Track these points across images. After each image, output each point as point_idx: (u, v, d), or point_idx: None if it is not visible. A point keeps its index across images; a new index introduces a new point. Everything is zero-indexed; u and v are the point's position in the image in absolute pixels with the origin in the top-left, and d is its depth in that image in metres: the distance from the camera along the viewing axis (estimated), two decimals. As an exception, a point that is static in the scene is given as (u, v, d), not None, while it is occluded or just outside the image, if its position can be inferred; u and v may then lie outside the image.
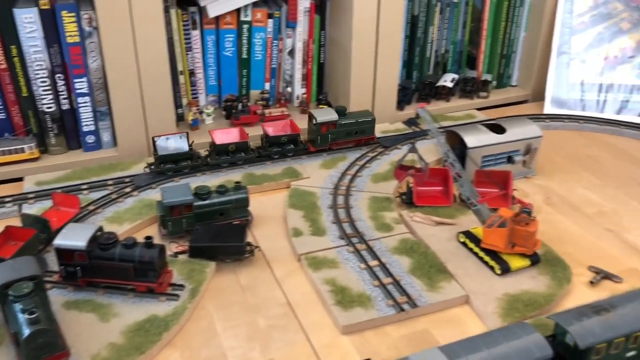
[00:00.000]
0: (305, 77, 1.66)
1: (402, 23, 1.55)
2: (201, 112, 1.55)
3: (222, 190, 1.10)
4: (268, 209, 1.19)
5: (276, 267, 1.02)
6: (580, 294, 0.98)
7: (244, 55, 1.59)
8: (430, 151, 1.37)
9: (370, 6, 1.47)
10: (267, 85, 1.64)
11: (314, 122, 1.36)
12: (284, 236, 1.10)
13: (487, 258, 1.02)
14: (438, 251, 1.05)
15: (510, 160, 1.31)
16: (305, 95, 1.65)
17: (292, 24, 1.58)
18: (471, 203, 1.04)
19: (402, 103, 1.67)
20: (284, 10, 1.57)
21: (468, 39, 1.78)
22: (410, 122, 1.57)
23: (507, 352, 0.71)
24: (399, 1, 1.50)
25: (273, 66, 1.62)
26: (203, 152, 1.33)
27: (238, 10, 1.53)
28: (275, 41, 1.60)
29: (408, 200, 1.20)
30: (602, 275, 1.02)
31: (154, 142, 1.27)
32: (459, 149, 1.29)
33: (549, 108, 1.67)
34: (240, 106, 1.56)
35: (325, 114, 1.36)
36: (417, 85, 1.75)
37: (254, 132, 1.40)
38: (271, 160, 1.34)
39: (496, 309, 0.92)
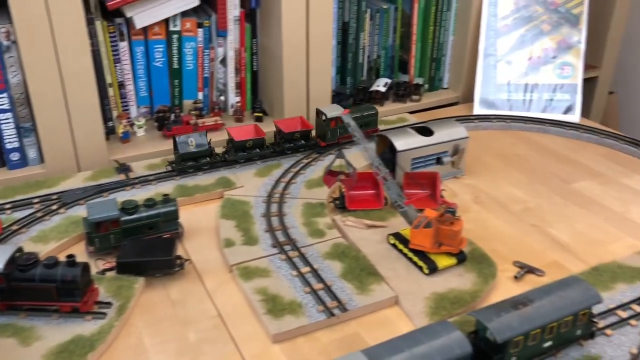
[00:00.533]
0: (239, 86, 1.66)
1: (331, 30, 1.56)
2: (132, 125, 1.52)
3: (150, 203, 1.08)
4: (200, 220, 1.18)
5: (207, 280, 1.01)
6: (505, 289, 1.01)
7: (175, 66, 1.57)
8: (361, 156, 1.38)
9: (299, 14, 1.49)
10: (200, 95, 1.62)
11: (323, 118, 1.41)
12: (216, 247, 1.10)
13: (415, 258, 1.04)
14: (369, 254, 1.07)
15: (439, 161, 1.35)
16: (239, 104, 1.65)
17: (222, 32, 1.58)
18: (398, 205, 1.06)
19: (337, 108, 1.69)
20: (213, 19, 1.57)
21: (399, 44, 1.81)
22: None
23: (428, 351, 0.73)
24: (327, 8, 1.52)
25: (205, 75, 1.61)
26: (220, 150, 1.38)
27: (166, 21, 1.52)
28: (206, 50, 1.59)
29: (341, 205, 1.21)
30: (525, 270, 1.05)
31: (174, 141, 1.32)
32: (389, 152, 1.32)
33: (478, 109, 1.72)
34: (172, 117, 1.55)
35: (334, 110, 1.42)
36: (351, 91, 1.78)
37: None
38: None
39: (424, 308, 0.94)
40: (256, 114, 1.63)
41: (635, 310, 0.93)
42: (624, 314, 0.92)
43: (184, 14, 1.53)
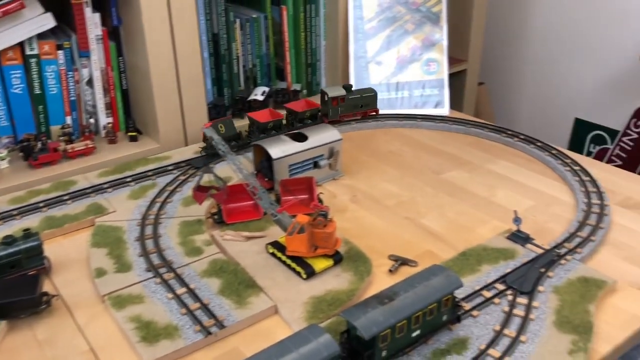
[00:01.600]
0: (110, 106, 1.60)
1: (198, 42, 1.54)
2: (-6, 157, 1.43)
3: (8, 241, 1.01)
4: (69, 252, 1.12)
5: (78, 314, 0.96)
6: (380, 284, 1.04)
7: (37, 91, 1.49)
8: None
9: (162, 28, 1.46)
10: (68, 119, 1.55)
11: (326, 98, 1.61)
12: (87, 278, 1.05)
13: (293, 265, 1.04)
14: (248, 266, 1.06)
15: (316, 165, 1.37)
16: (111, 125, 1.59)
17: (85, 53, 1.52)
18: (272, 214, 1.06)
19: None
20: (74, 40, 1.50)
21: (273, 52, 1.83)
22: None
23: (296, 357, 0.73)
24: (191, 20, 1.50)
25: (72, 98, 1.54)
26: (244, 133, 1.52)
27: (21, 45, 1.43)
28: (70, 72, 1.52)
29: (219, 219, 1.20)
30: (400, 262, 1.09)
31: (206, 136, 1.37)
32: (266, 161, 1.32)
33: (354, 110, 1.76)
34: (39, 145, 1.46)
35: (335, 91, 1.62)
36: (229, 102, 1.77)
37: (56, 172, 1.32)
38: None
39: (302, 314, 0.95)
40: (130, 134, 1.58)
41: (498, 289, 0.99)
42: (488, 294, 0.98)
43: (41, 37, 1.46)
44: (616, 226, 1.20)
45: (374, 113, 1.69)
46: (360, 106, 1.65)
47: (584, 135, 2.36)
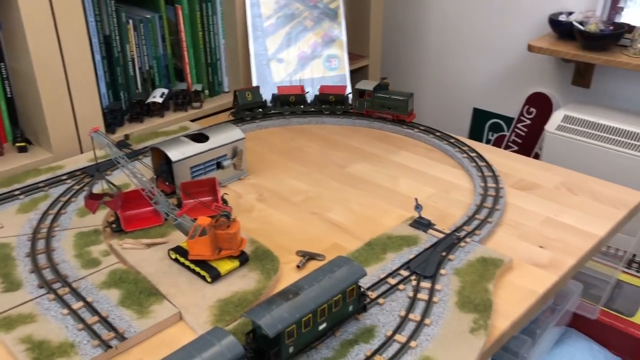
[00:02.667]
0: (-6, 116, 1.49)
1: (88, 45, 1.47)
2: None
3: None
4: (-51, 274, 1.03)
5: (-39, 340, 0.89)
6: (289, 281, 1.02)
7: None
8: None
9: (45, 31, 1.37)
10: (-54, 132, 1.43)
11: (356, 88, 1.63)
12: (-29, 302, 0.96)
13: (197, 269, 1.01)
14: (149, 274, 1.02)
15: (219, 166, 1.34)
16: (-4, 136, 1.48)
17: (-40, 59, 1.40)
18: (172, 218, 1.02)
19: (112, 126, 1.60)
20: (-54, 46, 1.38)
21: (171, 53, 1.77)
22: (121, 144, 1.51)
23: (201, 363, 0.71)
24: (79, 22, 1.43)
25: (-51, 109, 1.42)
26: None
27: None
28: (-56, 81, 1.40)
29: (118, 228, 1.14)
30: (307, 257, 1.09)
31: (235, 93, 1.59)
32: (166, 164, 1.27)
33: (258, 108, 1.74)
34: None
35: (365, 85, 1.62)
36: (127, 106, 1.69)
37: None
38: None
39: (208, 318, 0.92)
40: (18, 144, 1.48)
41: (402, 275, 1.01)
42: (393, 281, 0.99)
43: None
44: (511, 207, 1.25)
45: (405, 119, 1.61)
46: (388, 107, 1.61)
47: (483, 123, 2.47)
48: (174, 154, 1.25)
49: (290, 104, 1.64)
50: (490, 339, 0.90)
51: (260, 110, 1.62)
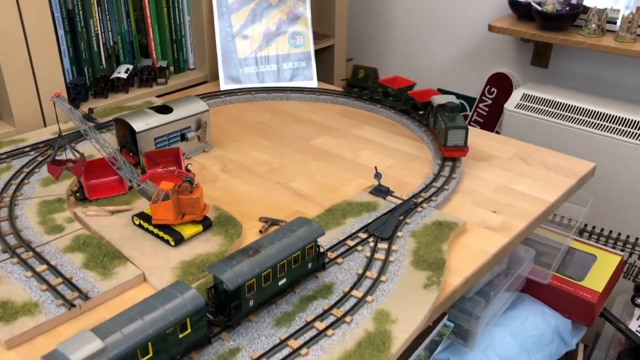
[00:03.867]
0: (-46, 89, 1.47)
1: (50, 19, 1.46)
2: None
3: None
4: None
5: None
6: (251, 245, 1.06)
7: None
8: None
9: (7, 5, 1.36)
10: None
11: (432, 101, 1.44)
12: None
13: (161, 233, 1.03)
14: (113, 239, 1.03)
15: (184, 137, 1.35)
16: (-44, 109, 1.46)
17: None
18: (135, 184, 1.04)
19: (76, 101, 1.60)
20: None
21: (135, 29, 1.77)
22: (86, 117, 1.50)
23: (162, 314, 0.73)
24: (40, -5, 1.42)
25: None
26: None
27: None
28: None
29: (82, 196, 1.15)
30: (270, 223, 1.12)
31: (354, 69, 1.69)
32: (130, 135, 1.29)
33: (224, 85, 1.76)
34: None
35: (440, 99, 1.38)
36: (91, 81, 1.69)
37: None
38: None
39: (171, 278, 0.94)
40: (-16, 119, 1.47)
41: (360, 237, 1.05)
42: (352, 243, 1.03)
43: None
44: (467, 176, 1.30)
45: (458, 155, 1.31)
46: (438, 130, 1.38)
47: (446, 104, 2.52)
48: (137, 124, 1.26)
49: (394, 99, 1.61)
50: (442, 294, 0.94)
51: (366, 91, 1.66)
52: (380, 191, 1.19)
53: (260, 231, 1.10)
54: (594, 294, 1.34)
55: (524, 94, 2.02)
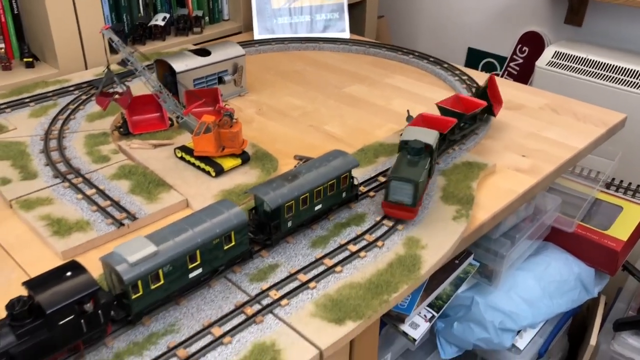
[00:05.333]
0: (1, 32, 1.53)
1: (93, -38, 1.50)
2: None
3: None
4: (-31, 166, 1.10)
5: (-16, 219, 0.96)
6: (287, 179, 1.10)
7: None
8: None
9: (52, -55, 1.40)
10: (-45, 45, 1.47)
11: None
12: (-9, 188, 1.04)
13: (202, 165, 1.08)
14: (157, 169, 1.09)
15: (221, 80, 1.39)
16: (3, 50, 1.52)
17: (-32, -28, 1.43)
18: (178, 117, 1.09)
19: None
20: (-46, -42, 1.42)
21: (172, -22, 1.80)
22: (123, 62, 1.55)
23: (209, 226, 0.78)
24: (84, -61, 1.45)
25: (-43, 23, 1.46)
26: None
27: None
28: (-48, -6, 1.43)
29: (125, 131, 1.21)
30: (304, 160, 1.16)
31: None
32: (170, 76, 1.33)
33: (258, 35, 1.79)
34: None
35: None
36: (129, 28, 1.73)
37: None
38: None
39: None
40: (26, 60, 1.53)
41: (392, 174, 1.08)
42: (383, 179, 1.07)
43: None
44: (497, 123, 1.32)
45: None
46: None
47: (477, 63, 2.52)
48: (178, 65, 1.31)
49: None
50: (470, 227, 0.98)
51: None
52: (412, 133, 1.22)
53: (295, 167, 1.14)
54: (619, 243, 1.36)
55: (556, 51, 2.02)
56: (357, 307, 0.78)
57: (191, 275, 0.77)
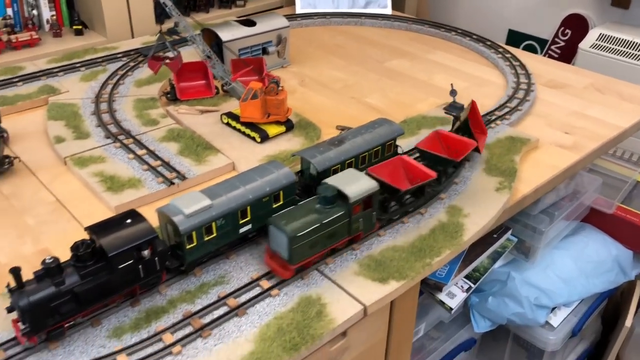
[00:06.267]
0: (52, 0, 1.57)
1: None
2: None
3: (-36, 107, 1.02)
4: (26, 126, 1.14)
5: (41, 174, 1.00)
6: (330, 147, 1.12)
7: (-26, -21, 1.45)
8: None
9: None
10: (9, 11, 1.52)
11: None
12: (46, 146, 1.08)
13: (247, 130, 1.11)
14: (204, 134, 1.12)
15: (264, 51, 1.41)
16: (55, 18, 1.57)
17: (23, -60, 1.47)
18: (225, 82, 1.11)
19: (161, 17, 1.67)
20: None
21: (217, -50, 1.82)
22: (171, 31, 1.58)
23: (260, 185, 0.81)
24: None
25: (12, -11, 1.51)
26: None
27: None
28: (8, -39, 1.48)
29: (173, 97, 1.24)
30: (346, 130, 1.17)
31: None
32: (216, 45, 1.35)
33: (300, 9, 1.80)
34: (-20, 35, 1.44)
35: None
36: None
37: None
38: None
39: (258, 168, 1.02)
40: (75, 27, 1.57)
41: (435, 146, 1.09)
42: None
43: None
44: (541, 101, 1.32)
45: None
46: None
47: (517, 45, 2.48)
48: (225, 34, 1.33)
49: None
50: (513, 198, 0.98)
51: None
52: (455, 108, 1.22)
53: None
54: (659, 226, 1.35)
55: (600, 33, 1.98)
56: (400, 268, 0.80)
57: (241, 230, 0.79)
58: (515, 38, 2.51)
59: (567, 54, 2.30)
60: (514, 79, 1.38)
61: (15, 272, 0.64)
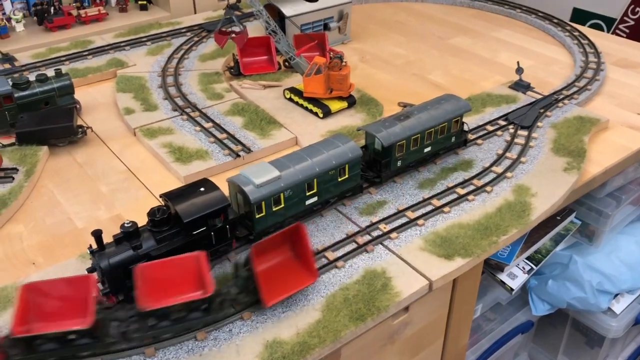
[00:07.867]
0: (119, -25, 1.61)
1: None
2: (9, 19, 1.45)
3: (42, 78, 1.07)
4: (96, 97, 1.18)
5: (112, 144, 1.04)
6: (392, 123, 1.12)
7: (47, -45, 1.49)
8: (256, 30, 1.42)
9: None
10: (78, -13, 1.56)
11: None
12: (116, 117, 1.12)
13: (310, 106, 1.12)
14: (267, 108, 1.13)
15: (326, 27, 1.41)
16: (121, -7, 1.61)
17: None
18: (290, 57, 1.12)
19: (222, -7, 1.69)
20: None
21: None
22: (233, 7, 1.60)
23: (327, 158, 0.82)
24: None
25: (81, -35, 1.55)
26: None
27: None
28: (78, -63, 1.52)
29: (236, 72, 1.26)
30: (409, 107, 1.16)
31: None
32: (279, 21, 1.36)
33: (360, -15, 1.78)
34: (52, 10, 1.49)
35: None
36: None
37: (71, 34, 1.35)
38: None
39: (321, 143, 1.03)
40: (141, 2, 1.60)
41: (499, 124, 1.07)
42: (491, 128, 1.06)
43: None
44: (610, 80, 1.27)
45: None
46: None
47: (582, 24, 2.39)
48: (287, 10, 1.33)
49: None
50: (582, 179, 0.96)
51: None
52: (521, 86, 1.20)
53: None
54: None
55: (675, 11, 1.88)
56: (466, 245, 0.80)
57: (307, 202, 0.81)
58: (581, 16, 2.41)
59: (638, 33, 2.20)
60: (582, 57, 1.33)
61: (97, 234, 0.67)
